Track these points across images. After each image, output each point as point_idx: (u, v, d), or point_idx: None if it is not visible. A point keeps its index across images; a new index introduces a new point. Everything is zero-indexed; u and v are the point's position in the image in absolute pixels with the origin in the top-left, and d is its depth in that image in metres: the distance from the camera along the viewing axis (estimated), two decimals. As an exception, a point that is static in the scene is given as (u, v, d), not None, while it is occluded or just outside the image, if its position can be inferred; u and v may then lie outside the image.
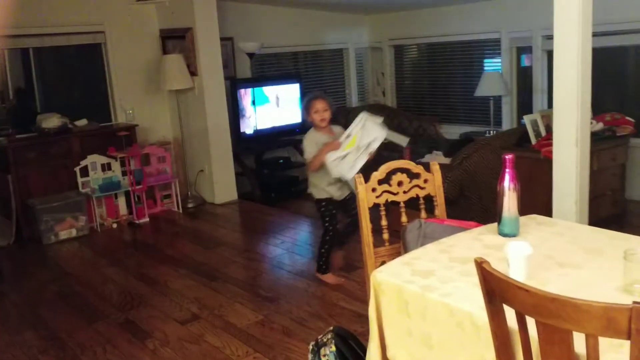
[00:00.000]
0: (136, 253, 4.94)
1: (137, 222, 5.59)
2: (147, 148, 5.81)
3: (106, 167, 5.52)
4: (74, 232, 5.24)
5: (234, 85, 6.16)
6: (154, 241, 5.20)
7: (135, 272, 4.42)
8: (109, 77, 5.98)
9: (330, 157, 3.53)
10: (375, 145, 3.48)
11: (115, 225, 5.54)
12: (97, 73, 5.98)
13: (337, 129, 3.77)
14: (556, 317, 1.22)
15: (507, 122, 6.57)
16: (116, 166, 5.56)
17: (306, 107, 3.77)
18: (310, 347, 2.42)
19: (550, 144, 3.30)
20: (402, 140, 3.44)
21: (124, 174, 5.59)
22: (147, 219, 5.65)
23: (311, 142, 3.70)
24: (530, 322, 1.32)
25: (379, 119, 3.53)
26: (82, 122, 5.64)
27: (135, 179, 5.55)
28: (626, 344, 1.18)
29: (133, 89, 6.06)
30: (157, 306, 3.75)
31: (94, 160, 5.45)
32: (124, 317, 3.63)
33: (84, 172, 5.42)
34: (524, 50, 6.39)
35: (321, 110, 3.70)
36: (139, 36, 6.06)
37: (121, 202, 5.64)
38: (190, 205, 6.04)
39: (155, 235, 5.39)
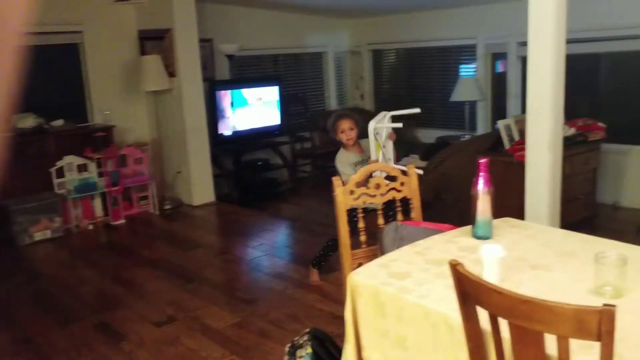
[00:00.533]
0: (112, 255, 4.90)
1: (113, 223, 5.54)
2: (124, 149, 5.76)
3: (82, 168, 5.45)
4: (48, 234, 5.18)
5: (212, 86, 6.15)
6: (130, 243, 5.16)
7: (111, 274, 4.39)
8: (86, 77, 5.92)
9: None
10: (389, 129, 3.52)
11: (91, 227, 5.49)
12: (74, 73, 5.92)
13: (364, 142, 3.72)
14: (528, 318, 1.25)
15: (482, 127, 6.66)
16: (92, 167, 5.50)
17: (333, 127, 3.74)
18: (287, 349, 2.43)
19: (524, 149, 3.36)
20: (413, 110, 3.50)
21: (100, 175, 5.54)
22: (123, 221, 5.60)
23: (345, 164, 3.67)
24: (503, 324, 1.36)
25: (379, 116, 3.57)
26: (58, 123, 5.58)
27: (112, 180, 5.51)
28: (596, 346, 1.21)
29: (110, 89, 6.01)
30: (133, 308, 3.72)
31: (70, 161, 5.39)
32: (99, 319, 3.59)
33: (60, 173, 5.36)
34: (498, 56, 6.49)
35: (347, 130, 3.68)
36: (117, 37, 6.02)
37: (97, 203, 5.58)
38: (167, 207, 6.00)
39: (132, 237, 5.35)
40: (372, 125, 3.51)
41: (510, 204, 3.48)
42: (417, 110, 3.50)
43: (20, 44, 0.36)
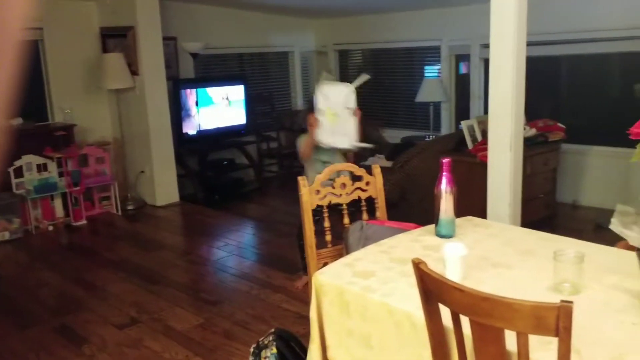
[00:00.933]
0: (73, 256, 4.79)
1: (74, 224, 5.43)
2: (85, 148, 5.65)
3: (42, 168, 5.32)
4: (6, 235, 5.04)
5: (176, 85, 6.07)
6: (92, 244, 5.06)
7: (72, 275, 4.29)
8: (46, 75, 5.78)
9: (321, 138, 3.44)
10: (350, 102, 3.41)
11: (51, 228, 5.36)
12: (34, 71, 5.77)
13: None
14: (489, 316, 1.27)
15: (446, 127, 6.75)
16: (53, 167, 5.37)
17: (304, 117, 3.80)
18: (252, 349, 2.42)
19: (486, 149, 3.42)
20: (364, 78, 3.46)
21: (60, 175, 5.42)
22: (84, 222, 5.49)
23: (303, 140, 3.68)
24: (465, 321, 1.37)
25: (329, 79, 3.53)
26: (17, 121, 5.43)
27: (73, 180, 5.39)
28: (554, 341, 1.24)
29: (71, 87, 5.88)
30: (95, 311, 3.65)
31: (29, 160, 5.25)
32: (59, 322, 3.51)
33: (18, 172, 5.22)
34: (462, 58, 6.58)
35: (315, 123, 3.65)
36: (78, 34, 5.89)
37: (58, 204, 5.45)
38: (130, 208, 5.91)
39: (94, 238, 5.25)
40: (318, 86, 3.45)
41: (474, 203, 3.53)
42: (367, 77, 3.46)
43: (20, 39, 0.36)
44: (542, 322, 1.20)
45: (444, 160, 2.12)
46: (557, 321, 1.18)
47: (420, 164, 4.59)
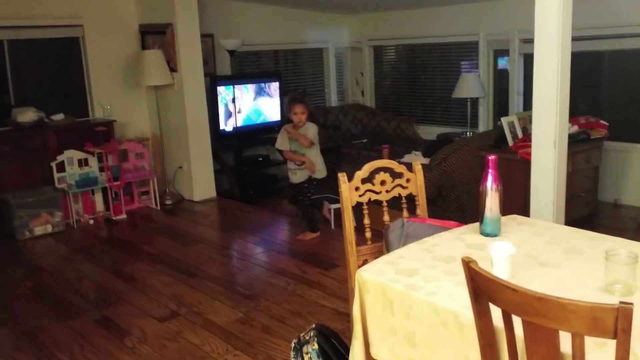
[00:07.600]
0: (113, 249, 4.89)
1: (114, 218, 5.52)
2: (125, 144, 5.75)
3: (83, 163, 5.42)
4: (49, 228, 5.16)
5: (213, 82, 6.13)
6: (131, 238, 5.15)
7: (112, 268, 4.38)
8: (87, 71, 5.89)
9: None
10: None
11: (91, 222, 5.47)
12: (75, 67, 5.89)
13: (310, 125, 4.53)
14: (542, 316, 1.25)
15: (484, 124, 6.66)
16: (93, 162, 5.47)
17: (287, 108, 4.47)
18: (293, 344, 2.43)
19: (527, 146, 3.37)
20: None
21: (101, 169, 5.51)
22: (124, 216, 5.58)
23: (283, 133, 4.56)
24: (517, 321, 1.35)
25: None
26: (59, 117, 5.55)
27: (113, 175, 5.48)
28: (609, 343, 1.21)
29: (111, 83, 5.98)
30: (135, 303, 3.71)
31: (71, 155, 5.36)
32: (100, 314, 3.59)
33: (61, 167, 5.33)
34: (500, 52, 6.48)
35: (299, 113, 4.41)
36: (118, 31, 5.99)
37: (98, 198, 5.55)
38: (168, 202, 5.99)
39: (133, 232, 5.33)
40: None
41: (514, 201, 3.49)
42: None
43: None
44: (599, 323, 1.17)
45: (489, 157, 2.09)
46: (616, 323, 1.16)
47: (458, 161, 4.54)
